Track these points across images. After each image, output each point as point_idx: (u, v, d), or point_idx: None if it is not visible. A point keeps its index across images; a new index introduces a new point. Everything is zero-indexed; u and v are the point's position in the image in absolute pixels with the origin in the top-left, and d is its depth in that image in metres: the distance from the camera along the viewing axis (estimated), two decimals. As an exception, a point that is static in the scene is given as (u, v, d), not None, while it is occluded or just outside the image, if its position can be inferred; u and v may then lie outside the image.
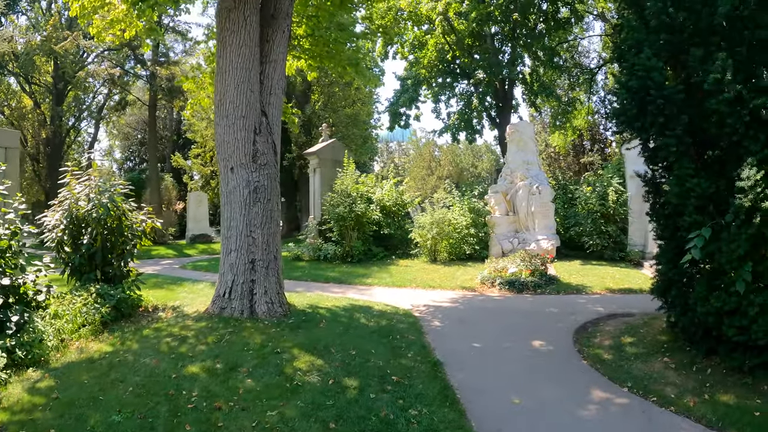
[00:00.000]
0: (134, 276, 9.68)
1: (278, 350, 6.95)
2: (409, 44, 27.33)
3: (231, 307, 8.73)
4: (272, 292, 8.89)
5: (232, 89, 8.91)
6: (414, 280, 12.96)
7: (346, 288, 12.50)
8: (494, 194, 16.94)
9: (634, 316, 8.95)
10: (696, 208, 5.82)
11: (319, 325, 8.28)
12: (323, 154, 20.05)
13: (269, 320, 8.45)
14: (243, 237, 8.86)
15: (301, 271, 14.94)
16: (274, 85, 9.50)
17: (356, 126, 31.33)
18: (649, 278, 12.54)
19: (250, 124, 8.93)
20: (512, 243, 15.89)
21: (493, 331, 8.43)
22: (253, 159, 8.96)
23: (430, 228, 15.86)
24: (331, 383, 5.94)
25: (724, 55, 5.58)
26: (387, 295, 11.38)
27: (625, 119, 6.24)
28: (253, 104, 9.01)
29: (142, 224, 9.91)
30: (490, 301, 10.82)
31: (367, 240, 17.27)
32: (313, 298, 10.58)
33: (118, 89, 32.76)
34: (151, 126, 31.55)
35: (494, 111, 28.56)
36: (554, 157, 35.47)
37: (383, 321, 8.70)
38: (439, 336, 8.14)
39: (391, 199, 18.40)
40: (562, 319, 8.99)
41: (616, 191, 15.69)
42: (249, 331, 7.80)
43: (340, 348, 7.12)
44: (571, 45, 30.53)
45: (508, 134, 17.90)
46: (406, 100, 27.89)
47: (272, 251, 9.02)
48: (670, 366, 6.45)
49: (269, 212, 9.02)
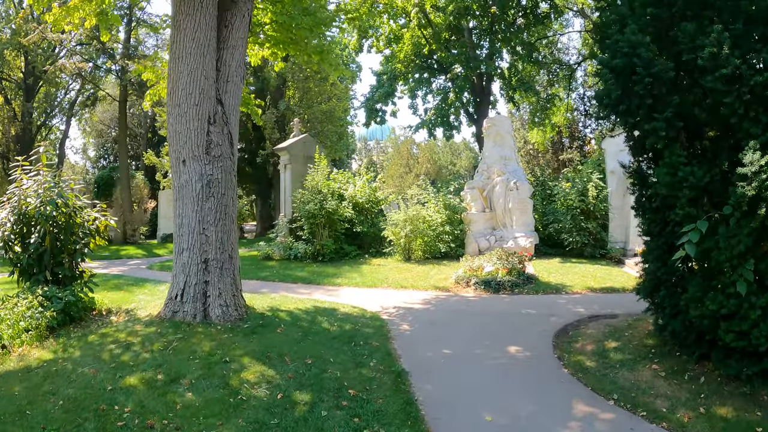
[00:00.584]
0: (87, 277, 9.03)
1: (227, 359, 6.30)
2: (385, 38, 26.69)
3: (183, 310, 8.07)
4: (227, 295, 8.19)
5: (185, 76, 8.24)
6: (385, 280, 12.28)
7: (313, 288, 11.80)
8: (470, 190, 16.31)
9: (618, 318, 8.36)
10: (689, 200, 5.20)
11: (277, 331, 7.58)
12: (294, 150, 19.27)
13: (223, 325, 7.82)
14: (195, 235, 8.18)
15: (269, 271, 14.21)
16: (232, 72, 8.82)
17: (331, 122, 30.53)
18: (631, 276, 12.12)
19: (203, 113, 8.27)
20: (489, 240, 15.29)
21: (467, 335, 7.76)
22: (207, 151, 8.28)
23: (403, 225, 15.18)
24: (279, 398, 5.26)
25: (719, 28, 4.96)
26: (356, 297, 10.69)
27: (608, 102, 5.57)
28: (208, 92, 8.34)
29: (95, 222, 9.29)
30: (464, 302, 10.15)
31: (339, 238, 16.56)
32: (275, 300, 9.87)
33: (90, 85, 31.63)
34: (122, 122, 30.45)
35: (472, 107, 28.03)
36: (533, 154, 35.12)
37: (347, 325, 7.99)
38: (406, 341, 7.45)
39: (364, 195, 17.69)
40: (540, 322, 8.36)
41: (597, 187, 15.15)
42: (199, 337, 7.17)
43: (296, 356, 6.44)
44: (550, 41, 30.17)
45: (485, 128, 17.29)
46: (381, 95, 27.24)
47: (227, 250, 8.31)
48: (660, 374, 5.86)
49: (224, 208, 8.31)
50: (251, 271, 14.16)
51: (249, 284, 12.10)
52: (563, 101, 29.96)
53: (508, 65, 27.75)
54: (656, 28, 5.81)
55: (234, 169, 8.65)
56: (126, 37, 26.95)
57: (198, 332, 7.35)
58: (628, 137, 6.23)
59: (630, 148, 6.48)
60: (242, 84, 9.31)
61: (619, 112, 5.52)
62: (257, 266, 15.27)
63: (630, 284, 11.10)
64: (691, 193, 5.17)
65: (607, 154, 16.10)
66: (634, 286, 11.00)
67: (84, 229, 9.15)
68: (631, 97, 5.34)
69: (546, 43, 29.62)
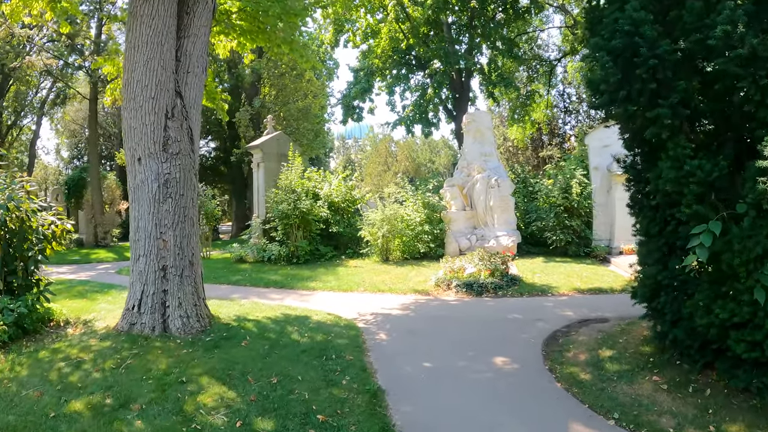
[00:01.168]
0: (44, 286, 8.23)
1: (184, 379, 5.63)
2: (362, 32, 26.04)
3: (141, 322, 7.38)
4: (188, 305, 7.51)
5: (141, 66, 7.54)
6: (362, 283, 11.64)
7: (286, 293, 11.13)
8: (450, 188, 15.74)
9: (609, 322, 7.85)
10: (696, 196, 4.65)
11: (241, 344, 6.89)
12: (267, 148, 18.51)
13: (183, 338, 7.14)
14: (152, 240, 7.49)
15: (241, 275, 13.51)
16: (194, 62, 8.14)
17: (307, 119, 29.85)
18: (618, 276, 11.67)
19: (161, 106, 7.57)
20: (470, 240, 14.74)
21: (449, 345, 7.14)
22: (164, 147, 7.59)
23: (380, 225, 14.56)
24: (239, 426, 4.62)
25: (731, 5, 4.42)
26: (330, 302, 10.05)
27: (606, 89, 5.00)
28: (166, 84, 7.64)
29: (51, 227, 8.48)
30: (445, 306, 9.54)
31: (314, 239, 15.88)
32: (244, 308, 9.18)
33: (62, 83, 30.53)
34: (92, 121, 29.30)
35: (450, 103, 27.52)
36: (512, 151, 34.79)
37: (319, 336, 7.32)
38: (384, 354, 6.81)
39: (340, 194, 17.00)
40: (527, 328, 7.79)
41: (580, 183, 14.67)
42: (155, 353, 6.48)
43: (260, 374, 5.78)
44: (530, 37, 29.83)
45: (465, 124, 16.74)
46: (358, 92, 26.56)
47: (187, 256, 7.63)
48: (662, 387, 5.33)
49: (182, 210, 7.62)
50: (223, 275, 13.47)
51: (219, 289, 11.53)
52: (543, 98, 29.64)
53: (488, 60, 27.26)
54: (657, 7, 5.25)
55: (194, 167, 7.96)
56: (97, 33, 25.93)
57: (155, 347, 6.67)
58: (624, 128, 5.67)
59: (625, 141, 5.92)
60: (205, 76, 8.63)
61: (618, 100, 4.93)
62: (229, 269, 14.57)
63: (618, 284, 10.65)
64: (699, 189, 4.63)
65: (591, 150, 15.65)
66: (622, 286, 10.69)
67: (39, 234, 8.34)
68: (632, 81, 4.77)
69: (526, 39, 29.26)
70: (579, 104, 34.53)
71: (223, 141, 32.66)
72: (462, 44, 26.41)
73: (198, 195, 17.57)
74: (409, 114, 27.31)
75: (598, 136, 15.64)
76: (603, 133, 15.69)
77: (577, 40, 25.64)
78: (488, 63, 27.01)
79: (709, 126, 5.36)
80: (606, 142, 15.34)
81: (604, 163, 15.05)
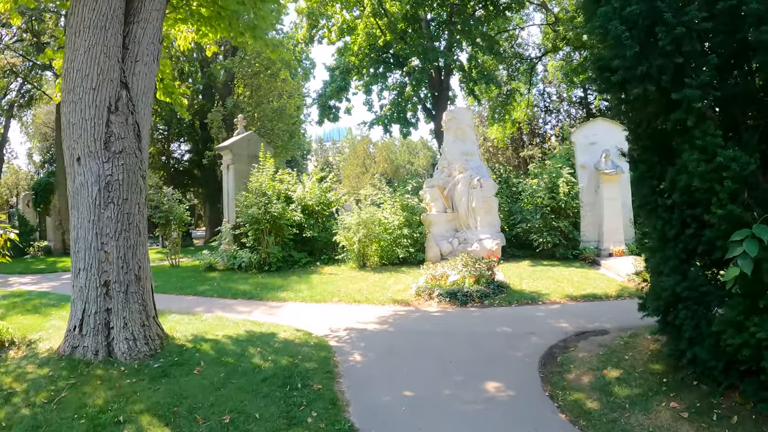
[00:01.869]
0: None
1: (121, 418, 4.78)
2: (337, 28, 25.09)
3: (83, 346, 6.46)
4: (134, 325, 6.60)
5: (82, 54, 6.64)
6: (337, 293, 10.73)
7: (255, 305, 10.21)
8: (430, 189, 14.91)
9: (610, 334, 7.07)
10: (730, 194, 3.86)
11: (194, 371, 5.98)
12: (237, 149, 17.46)
13: (129, 364, 6.24)
14: (93, 251, 6.57)
15: (209, 284, 12.54)
16: (143, 50, 7.21)
17: (282, 120, 28.82)
18: (611, 280, 10.91)
19: (102, 98, 6.66)
20: (452, 244, 13.93)
21: (432, 367, 6.26)
22: (106, 145, 6.65)
23: (356, 230, 13.67)
24: (177, 485, 3.70)
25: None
26: (302, 315, 9.15)
27: (620, 65, 4.16)
28: (109, 73, 6.72)
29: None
30: (427, 319, 8.67)
31: (287, 245, 14.92)
32: (205, 324, 8.27)
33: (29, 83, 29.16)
34: (59, 123, 28.08)
35: (429, 102, 26.72)
36: (492, 151, 34.20)
37: (284, 359, 6.38)
38: (358, 380, 5.90)
39: (314, 197, 16.07)
40: (520, 344, 6.96)
41: (568, 182, 13.92)
42: (94, 383, 5.61)
43: (212, 411, 4.88)
44: (511, 35, 29.20)
45: (445, 122, 15.92)
46: (334, 90, 25.65)
47: (132, 269, 6.69)
48: (682, 415, 4.55)
49: (126, 216, 6.68)
50: (189, 285, 12.50)
51: (184, 301, 10.67)
52: (524, 96, 29.05)
53: (468, 57, 26.57)
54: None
55: (142, 167, 7.01)
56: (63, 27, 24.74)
57: (95, 376, 5.79)
58: (634, 116, 4.85)
59: (633, 130, 5.10)
60: (157, 65, 7.69)
61: (635, 78, 4.10)
62: (197, 278, 13.57)
63: (612, 290, 9.91)
64: (733, 185, 3.84)
65: (577, 147, 14.93)
66: (617, 292, 9.90)
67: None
68: (653, 56, 3.95)
69: (506, 37, 28.64)
70: (560, 103, 34.06)
71: (196, 143, 31.54)
72: (441, 41, 25.66)
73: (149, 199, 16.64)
74: (386, 113, 26.46)
75: (585, 133, 14.96)
76: (590, 129, 15.02)
77: (559, 38, 25.08)
78: (468, 60, 26.30)
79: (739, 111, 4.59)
80: (593, 139, 14.67)
81: (592, 161, 14.34)
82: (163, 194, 17.03)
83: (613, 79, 4.22)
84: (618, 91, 4.45)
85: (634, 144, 5.23)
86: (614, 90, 4.48)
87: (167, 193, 17.17)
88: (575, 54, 27.56)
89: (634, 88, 4.10)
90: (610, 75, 4.24)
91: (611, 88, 4.41)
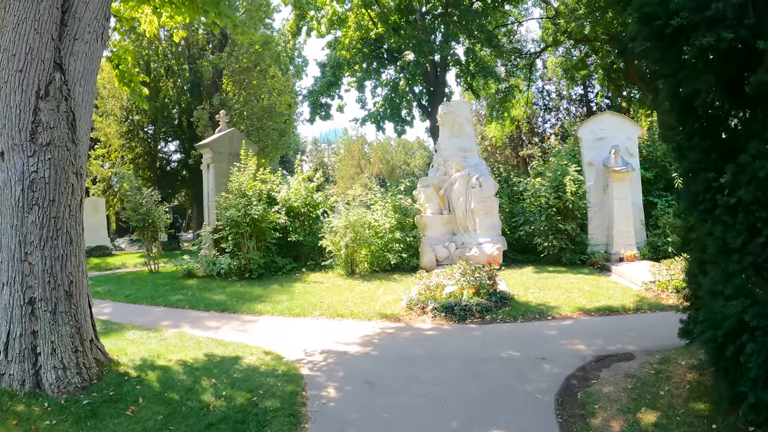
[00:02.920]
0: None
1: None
2: (327, 20, 23.87)
3: (9, 373, 5.42)
4: (65, 352, 5.47)
5: (10, 31, 5.54)
6: (319, 305, 9.52)
7: (226, 319, 9.07)
8: (424, 188, 13.72)
9: (636, 360, 5.95)
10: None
11: (127, 411, 4.78)
12: (218, 147, 16.23)
13: (57, 398, 5.16)
14: (16, 263, 5.46)
15: (183, 294, 11.40)
16: (84, 27, 6.04)
17: (272, 118, 27.56)
18: (626, 288, 9.68)
19: (30, 81, 5.54)
20: (448, 248, 12.76)
21: (422, 406, 5.03)
22: (32, 137, 5.49)
23: (344, 233, 12.47)
24: None
25: None
26: (276, 332, 7.99)
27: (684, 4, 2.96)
28: (40, 52, 5.60)
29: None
30: (419, 339, 7.42)
31: (270, 250, 13.72)
32: (161, 344, 7.12)
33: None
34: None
35: (425, 99, 25.53)
36: (491, 150, 33.05)
37: (240, 395, 5.14)
38: (329, 427, 4.67)
39: (300, 198, 14.84)
40: (530, 373, 5.76)
41: (575, 181, 12.71)
42: (9, 425, 4.54)
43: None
44: (509, 30, 28.05)
45: (441, 116, 14.75)
46: (324, 85, 24.43)
47: (62, 285, 5.53)
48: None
49: (52, 221, 5.52)
50: (162, 294, 11.38)
51: (152, 313, 9.72)
52: (523, 93, 27.93)
53: (465, 50, 25.40)
54: None
55: (76, 163, 5.81)
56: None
57: (14, 414, 4.74)
58: (686, 85, 3.66)
59: (679, 107, 3.90)
60: (102, 46, 6.51)
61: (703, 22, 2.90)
62: (172, 287, 12.42)
63: (629, 301, 8.73)
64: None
65: (584, 143, 13.73)
66: (635, 303, 8.63)
67: None
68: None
69: (504, 32, 27.50)
70: (559, 101, 32.93)
71: (182, 142, 30.29)
72: (437, 34, 24.49)
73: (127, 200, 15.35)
74: (379, 109, 25.25)
75: (591, 128, 13.77)
76: (597, 124, 13.84)
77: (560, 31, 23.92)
78: (466, 53, 25.12)
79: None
80: (600, 134, 13.52)
81: (599, 158, 13.17)
82: (142, 196, 15.80)
83: (667, 30, 3.03)
84: (668, 48, 3.26)
85: (679, 126, 4.05)
86: (661, 48, 3.28)
87: (146, 195, 15.94)
88: (575, 51, 26.52)
89: (699, 39, 2.91)
90: (662, 24, 3.05)
91: (659, 44, 3.21)
